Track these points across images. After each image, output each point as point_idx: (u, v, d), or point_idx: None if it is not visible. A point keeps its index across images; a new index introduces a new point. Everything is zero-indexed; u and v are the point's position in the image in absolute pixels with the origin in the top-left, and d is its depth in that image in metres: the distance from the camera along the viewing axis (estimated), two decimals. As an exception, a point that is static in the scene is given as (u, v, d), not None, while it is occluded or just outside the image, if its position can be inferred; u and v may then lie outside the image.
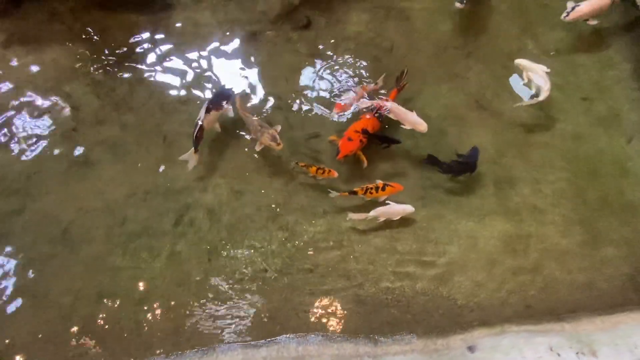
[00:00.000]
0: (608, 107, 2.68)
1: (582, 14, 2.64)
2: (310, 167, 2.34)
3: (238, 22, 3.06)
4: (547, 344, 1.74)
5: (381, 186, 2.25)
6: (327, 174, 2.33)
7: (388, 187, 2.26)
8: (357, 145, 2.36)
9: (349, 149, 2.34)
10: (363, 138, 2.37)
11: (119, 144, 2.58)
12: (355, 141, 2.35)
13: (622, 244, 2.21)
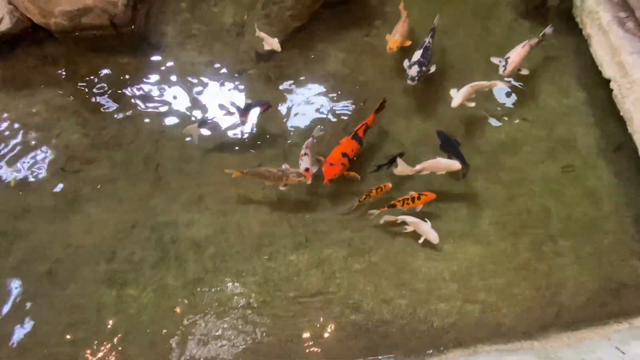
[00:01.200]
0: (566, 131, 2.91)
1: (516, 64, 2.84)
2: (369, 194, 2.46)
3: (223, 61, 3.27)
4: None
5: (416, 196, 2.40)
6: (384, 189, 2.47)
7: (422, 197, 2.41)
8: (339, 169, 2.49)
9: (332, 174, 2.47)
10: (345, 161, 2.51)
11: (107, 181, 2.68)
12: (337, 165, 2.48)
13: (585, 260, 2.35)
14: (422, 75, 2.83)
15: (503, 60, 2.85)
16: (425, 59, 2.86)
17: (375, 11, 3.52)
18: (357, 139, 2.62)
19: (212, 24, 3.46)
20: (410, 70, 2.84)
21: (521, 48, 2.88)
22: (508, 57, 2.84)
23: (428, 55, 2.90)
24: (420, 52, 2.90)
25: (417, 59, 2.87)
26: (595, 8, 2.97)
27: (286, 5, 3.32)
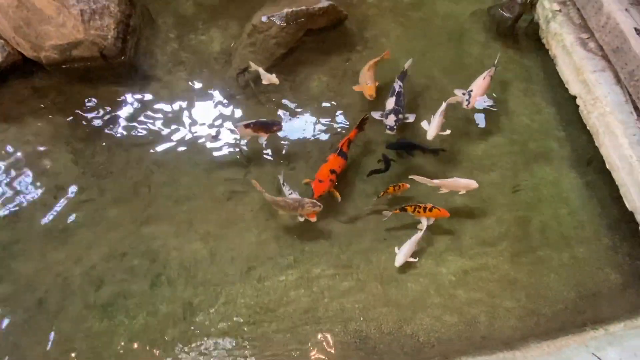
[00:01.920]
0: (539, 145, 3.07)
1: (478, 97, 2.90)
2: (387, 191, 2.61)
3: (212, 87, 3.40)
4: (500, 373, 1.90)
5: (429, 207, 2.49)
6: (401, 188, 2.61)
7: (435, 210, 2.49)
8: (328, 185, 2.60)
9: (322, 190, 2.57)
10: (333, 177, 2.63)
11: (98, 208, 2.72)
12: (326, 182, 2.60)
13: (561, 270, 2.46)
14: (400, 122, 2.80)
15: (466, 93, 2.92)
16: (399, 105, 2.83)
17: (355, 37, 3.72)
18: (342, 154, 2.75)
19: (200, 53, 3.60)
20: (387, 120, 2.79)
21: (482, 80, 2.95)
22: (470, 91, 2.90)
23: (401, 101, 2.88)
24: (393, 100, 2.86)
25: (392, 107, 2.82)
26: (559, 30, 3.20)
27: (271, 34, 3.49)
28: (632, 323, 2.19)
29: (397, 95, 2.89)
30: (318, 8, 3.53)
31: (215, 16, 3.83)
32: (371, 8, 3.98)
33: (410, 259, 2.43)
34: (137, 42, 3.51)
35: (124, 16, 3.38)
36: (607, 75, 2.82)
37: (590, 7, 2.98)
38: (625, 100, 2.67)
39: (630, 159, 2.43)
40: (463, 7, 4.00)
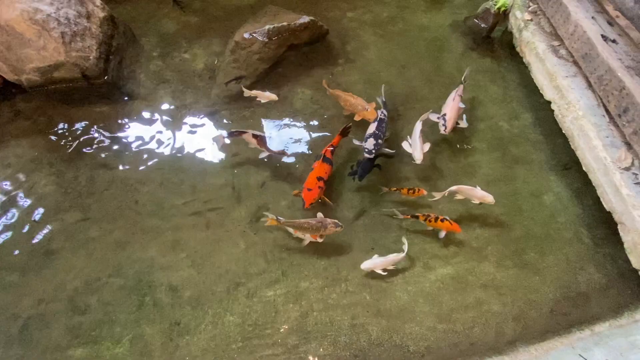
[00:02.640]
0: (519, 150, 3.15)
1: (453, 120, 2.92)
2: (400, 189, 2.69)
3: (196, 105, 3.42)
4: (490, 380, 1.90)
5: (442, 218, 2.53)
6: (417, 193, 2.66)
7: (446, 222, 2.52)
8: (317, 192, 2.62)
9: (312, 198, 2.59)
10: (322, 184, 2.65)
11: (81, 230, 2.68)
12: (315, 189, 2.61)
13: (546, 272, 2.50)
14: (378, 148, 2.76)
15: (441, 118, 2.93)
16: (380, 131, 2.81)
17: (337, 51, 3.80)
18: (328, 161, 2.79)
19: (183, 71, 3.63)
20: (366, 144, 2.75)
21: (452, 101, 2.98)
22: (444, 115, 2.93)
23: (383, 127, 2.85)
24: (375, 125, 2.84)
25: (372, 131, 2.80)
26: (532, 39, 3.33)
27: (254, 50, 3.55)
28: (617, 322, 2.23)
29: (379, 122, 2.86)
30: (299, 24, 3.61)
31: (198, 34, 3.89)
32: (352, 22, 4.09)
33: (379, 271, 2.43)
34: (120, 61, 3.53)
35: (106, 37, 3.40)
36: (579, 80, 2.93)
37: (559, 16, 3.11)
38: (597, 103, 2.77)
39: (605, 160, 2.51)
40: (440, 18, 4.15)
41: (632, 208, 2.30)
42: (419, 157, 2.71)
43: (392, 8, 4.21)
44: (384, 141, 2.82)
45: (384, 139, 2.82)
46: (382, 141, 2.79)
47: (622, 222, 2.37)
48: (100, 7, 3.45)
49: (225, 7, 4.14)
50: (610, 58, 2.61)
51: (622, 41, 2.77)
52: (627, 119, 2.46)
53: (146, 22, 3.96)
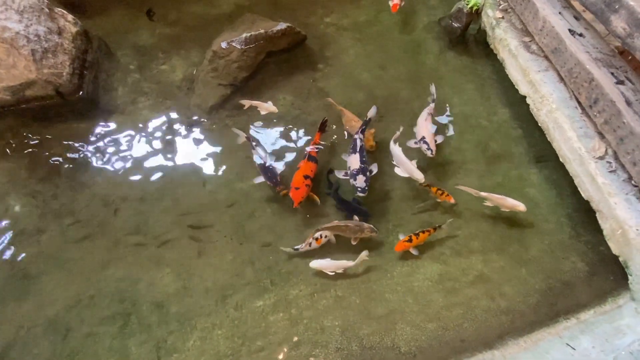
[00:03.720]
0: (499, 145, 3.21)
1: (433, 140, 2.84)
2: (430, 186, 2.73)
3: (176, 116, 3.37)
4: (481, 375, 1.90)
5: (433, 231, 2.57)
6: (445, 197, 2.68)
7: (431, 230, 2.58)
8: (305, 190, 2.64)
9: (300, 196, 2.61)
10: (308, 182, 2.68)
11: (61, 251, 2.60)
12: (302, 188, 2.64)
13: (531, 264, 2.53)
14: (369, 182, 2.59)
15: (420, 142, 2.83)
16: (365, 163, 2.65)
17: (316, 56, 3.82)
18: (312, 159, 2.83)
19: (162, 82, 3.59)
20: (356, 182, 2.55)
21: (424, 121, 2.91)
22: (423, 138, 2.83)
23: (365, 156, 2.71)
24: (357, 157, 2.67)
25: (358, 165, 2.61)
26: (504, 36, 3.40)
27: (232, 58, 3.54)
28: (601, 309, 2.27)
29: (360, 151, 2.71)
30: (276, 30, 3.62)
31: (176, 45, 3.85)
32: (329, 27, 4.12)
33: (328, 272, 2.43)
34: (95, 76, 3.46)
35: (80, 52, 3.34)
36: (551, 74, 3.01)
37: (528, 12, 3.20)
38: (569, 96, 2.85)
39: (580, 150, 2.57)
40: (416, 20, 4.21)
41: (608, 196, 2.36)
42: (420, 176, 2.62)
43: (368, 11, 4.26)
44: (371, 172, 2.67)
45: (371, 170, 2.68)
46: (370, 173, 2.64)
47: (599, 210, 2.43)
48: (72, 23, 3.39)
49: (202, 17, 4.12)
50: (578, 51, 2.69)
51: (588, 34, 2.86)
52: (597, 110, 2.53)
53: (122, 35, 3.91)
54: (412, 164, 2.72)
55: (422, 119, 2.95)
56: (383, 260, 2.58)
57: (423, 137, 2.84)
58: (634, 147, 2.27)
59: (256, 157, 2.87)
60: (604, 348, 1.98)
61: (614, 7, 2.41)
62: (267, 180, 2.75)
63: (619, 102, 2.39)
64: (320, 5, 4.32)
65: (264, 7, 4.25)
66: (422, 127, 2.89)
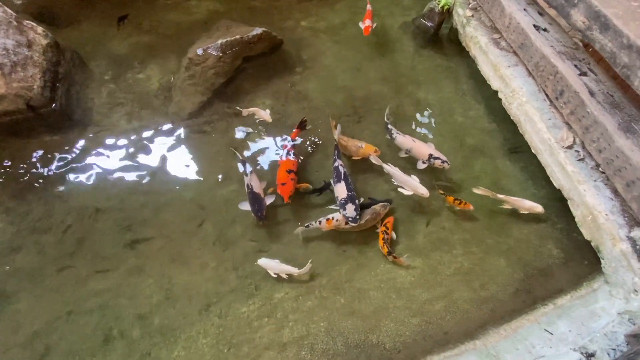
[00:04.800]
0: (475, 139, 3.29)
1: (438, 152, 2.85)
2: (448, 196, 2.73)
3: (154, 125, 3.34)
4: (464, 366, 1.93)
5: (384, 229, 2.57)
6: (463, 206, 2.68)
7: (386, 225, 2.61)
8: (292, 184, 2.70)
9: (288, 191, 2.67)
10: (293, 176, 2.74)
11: (37, 268, 2.53)
12: (288, 182, 2.69)
13: (509, 253, 2.60)
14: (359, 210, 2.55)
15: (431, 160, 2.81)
16: (351, 190, 2.61)
17: (294, 59, 3.85)
18: (290, 154, 2.93)
19: (138, 91, 3.54)
20: (347, 212, 2.51)
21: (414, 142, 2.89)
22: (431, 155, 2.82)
23: (350, 183, 2.66)
24: (343, 185, 2.63)
25: (346, 194, 2.57)
26: (474, 33, 3.50)
27: (208, 65, 3.53)
28: (577, 293, 2.34)
29: (345, 179, 2.66)
30: (252, 35, 3.63)
31: (151, 53, 3.82)
32: (306, 30, 4.15)
33: (271, 273, 2.44)
34: (68, 88, 3.40)
35: (51, 64, 3.28)
36: (520, 69, 3.10)
37: (495, 10, 3.30)
38: (537, 89, 2.94)
39: (549, 141, 2.66)
40: (391, 20, 4.29)
41: (578, 183, 2.44)
42: (424, 191, 2.63)
43: (344, 14, 4.32)
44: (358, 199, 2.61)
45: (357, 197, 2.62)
46: (358, 201, 2.60)
47: (570, 198, 2.51)
48: (42, 35, 3.32)
49: (177, 24, 4.10)
50: (543, 46, 2.79)
51: (552, 29, 2.97)
52: (563, 101, 2.63)
53: (95, 46, 3.85)
54: (414, 180, 2.70)
55: (410, 139, 2.90)
56: (366, 258, 2.60)
57: (431, 155, 2.81)
58: (599, 136, 2.36)
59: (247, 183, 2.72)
60: (580, 331, 2.05)
61: (573, 1, 2.51)
62: (253, 212, 2.61)
63: (582, 93, 2.48)
64: (296, 10, 4.35)
65: (239, 12, 4.26)
66: (421, 147, 2.85)
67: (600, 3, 2.33)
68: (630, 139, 2.24)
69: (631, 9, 2.31)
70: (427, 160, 2.85)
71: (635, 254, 2.13)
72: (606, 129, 2.30)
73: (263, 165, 3.10)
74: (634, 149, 2.19)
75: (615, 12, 2.28)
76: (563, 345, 1.97)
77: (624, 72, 2.16)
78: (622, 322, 2.01)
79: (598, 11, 2.32)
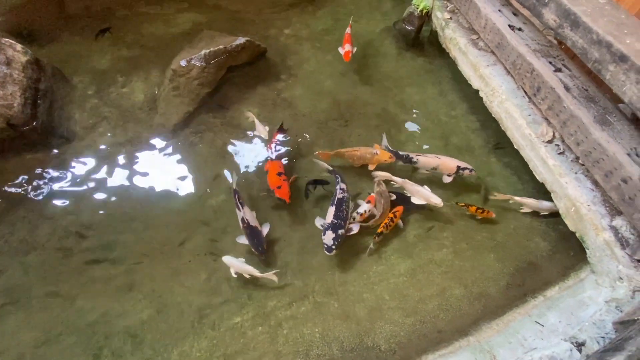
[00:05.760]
0: (460, 139, 3.35)
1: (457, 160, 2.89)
2: (470, 206, 2.73)
3: (139, 138, 3.31)
4: (458, 363, 1.94)
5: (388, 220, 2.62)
6: (486, 214, 2.70)
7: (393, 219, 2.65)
8: (287, 185, 2.74)
9: (287, 192, 2.69)
10: (285, 177, 2.79)
11: (22, 289, 2.47)
12: (284, 184, 2.73)
13: (498, 249, 2.64)
14: (340, 240, 2.38)
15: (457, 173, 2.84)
16: (340, 218, 2.41)
17: (278, 67, 3.88)
18: (274, 158, 3.04)
19: (122, 105, 3.52)
20: (324, 238, 2.37)
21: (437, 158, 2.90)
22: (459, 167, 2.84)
23: (343, 211, 2.44)
24: (332, 210, 2.45)
25: (330, 220, 2.41)
26: (453, 35, 3.59)
27: (192, 76, 3.53)
28: (565, 284, 2.38)
29: (337, 204, 2.46)
30: (236, 45, 3.65)
31: (135, 67, 3.80)
32: (289, 38, 4.20)
33: (232, 272, 2.43)
34: (50, 104, 3.35)
35: (32, 81, 3.23)
36: (499, 67, 3.19)
37: (472, 12, 3.40)
38: (516, 87, 3.02)
39: (530, 136, 2.73)
40: (372, 25, 4.37)
41: (559, 176, 2.50)
42: (438, 201, 2.61)
43: (326, 21, 4.38)
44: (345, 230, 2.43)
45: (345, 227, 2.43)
46: (343, 231, 2.40)
47: (554, 191, 2.57)
48: (22, 52, 3.28)
49: (160, 37, 4.10)
50: (518, 45, 2.88)
51: (527, 28, 3.07)
52: (541, 97, 2.71)
53: (77, 61, 3.82)
54: (426, 190, 2.71)
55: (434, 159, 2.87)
56: (359, 261, 2.60)
57: (459, 167, 2.82)
58: (576, 129, 2.43)
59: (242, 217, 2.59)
60: (570, 321, 2.08)
61: (544, 1, 2.60)
62: (252, 247, 2.48)
63: (558, 88, 2.56)
64: (279, 18, 4.40)
65: (222, 23, 4.29)
66: (447, 162, 2.84)
67: (570, 1, 2.42)
68: (605, 131, 2.31)
69: (599, 6, 2.41)
70: (455, 173, 2.82)
71: (618, 243, 2.19)
72: (582, 123, 2.37)
73: (250, 172, 3.10)
74: (610, 141, 2.26)
75: (584, 9, 2.37)
76: (554, 336, 2.00)
77: (596, 67, 2.24)
78: (610, 310, 2.05)
79: (568, 9, 2.41)
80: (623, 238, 2.18)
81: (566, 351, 1.87)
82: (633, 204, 2.11)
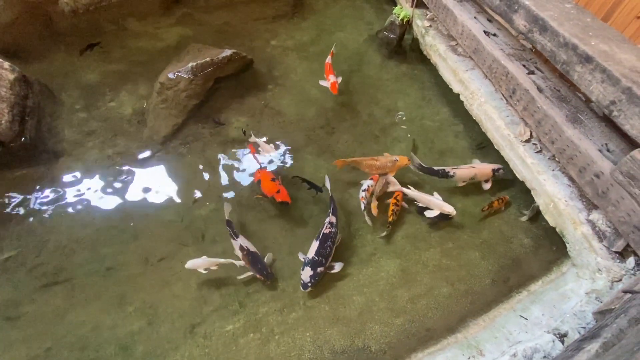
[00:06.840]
0: (444, 142, 3.45)
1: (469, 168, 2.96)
2: (492, 205, 2.79)
3: (128, 152, 3.34)
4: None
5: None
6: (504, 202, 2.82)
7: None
8: (283, 188, 2.83)
9: (286, 194, 2.78)
10: (278, 181, 2.89)
11: (12, 306, 2.45)
12: (282, 188, 2.83)
13: (483, 247, 2.71)
14: (317, 278, 2.33)
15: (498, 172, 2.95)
16: (321, 256, 2.37)
17: (265, 77, 3.96)
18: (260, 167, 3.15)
19: (111, 118, 3.55)
20: (302, 273, 2.34)
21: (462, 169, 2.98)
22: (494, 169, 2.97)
23: (327, 248, 2.40)
24: (316, 246, 2.41)
25: (312, 256, 2.36)
26: (433, 42, 3.72)
27: (180, 88, 3.59)
28: (548, 278, 2.45)
29: (322, 240, 2.42)
30: (222, 57, 3.73)
31: (123, 81, 3.85)
32: (275, 49, 4.30)
33: (201, 270, 2.49)
34: (38, 120, 3.38)
35: (19, 98, 3.26)
36: (477, 72, 3.31)
37: (449, 19, 3.54)
38: (494, 89, 3.14)
39: (509, 137, 2.83)
40: (356, 35, 4.50)
41: (538, 174, 2.60)
42: (450, 209, 2.64)
43: (311, 32, 4.50)
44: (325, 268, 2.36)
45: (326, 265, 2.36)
46: (322, 269, 2.34)
47: (533, 188, 2.66)
48: (9, 70, 3.31)
49: (147, 51, 4.17)
50: (493, 49, 3.00)
51: (501, 34, 3.21)
52: (516, 99, 2.82)
53: (65, 77, 3.85)
54: (437, 199, 2.74)
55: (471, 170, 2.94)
56: (348, 264, 2.64)
57: (494, 169, 2.96)
58: (550, 128, 2.54)
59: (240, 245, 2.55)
60: (553, 314, 2.14)
61: (514, 7, 2.74)
62: (257, 273, 2.42)
63: (532, 90, 2.68)
64: (265, 30, 4.51)
65: (209, 36, 4.38)
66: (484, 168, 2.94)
67: (537, 7, 2.55)
68: (577, 129, 2.42)
69: (565, 11, 2.54)
70: (492, 177, 2.96)
71: (595, 236, 2.27)
72: (556, 122, 2.48)
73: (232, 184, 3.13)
74: (582, 138, 2.36)
75: (551, 14, 2.50)
76: (537, 329, 2.06)
77: (564, 68, 2.35)
78: (590, 301, 2.12)
79: (536, 15, 2.54)
80: (600, 231, 2.27)
81: (549, 342, 1.92)
82: (606, 197, 2.20)
